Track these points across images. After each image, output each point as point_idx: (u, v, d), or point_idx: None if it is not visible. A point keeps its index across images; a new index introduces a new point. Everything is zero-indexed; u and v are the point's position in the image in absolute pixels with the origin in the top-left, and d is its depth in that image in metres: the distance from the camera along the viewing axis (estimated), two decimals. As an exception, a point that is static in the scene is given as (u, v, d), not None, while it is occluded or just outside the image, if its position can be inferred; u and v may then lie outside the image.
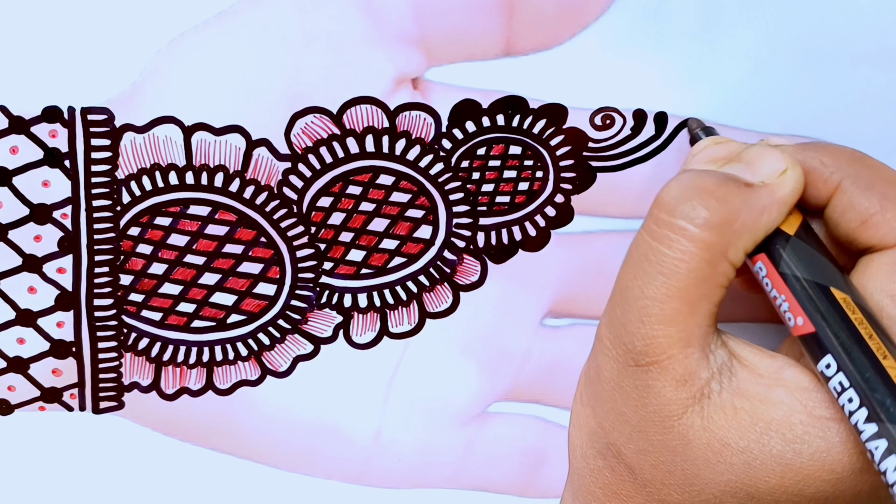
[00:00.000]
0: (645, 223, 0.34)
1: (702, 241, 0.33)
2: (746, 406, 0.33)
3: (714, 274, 0.33)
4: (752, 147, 0.35)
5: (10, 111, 0.37)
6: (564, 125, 0.40)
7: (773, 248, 0.34)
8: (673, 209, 0.33)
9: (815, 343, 0.32)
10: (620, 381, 0.33)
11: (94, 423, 0.41)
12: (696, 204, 0.33)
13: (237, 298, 0.40)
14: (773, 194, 0.34)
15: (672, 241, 0.33)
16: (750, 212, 0.33)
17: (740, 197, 0.33)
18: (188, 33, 0.38)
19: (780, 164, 0.34)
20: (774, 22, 0.39)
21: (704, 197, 0.33)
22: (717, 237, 0.33)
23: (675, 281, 0.33)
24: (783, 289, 0.33)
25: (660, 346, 0.33)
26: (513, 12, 0.38)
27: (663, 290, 0.33)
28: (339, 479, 0.42)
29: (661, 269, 0.33)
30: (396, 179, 0.40)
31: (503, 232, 0.41)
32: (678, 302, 0.33)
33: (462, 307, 0.41)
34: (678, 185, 0.33)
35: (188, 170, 0.39)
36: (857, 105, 0.40)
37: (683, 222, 0.33)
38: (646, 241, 0.33)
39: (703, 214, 0.33)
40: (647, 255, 0.33)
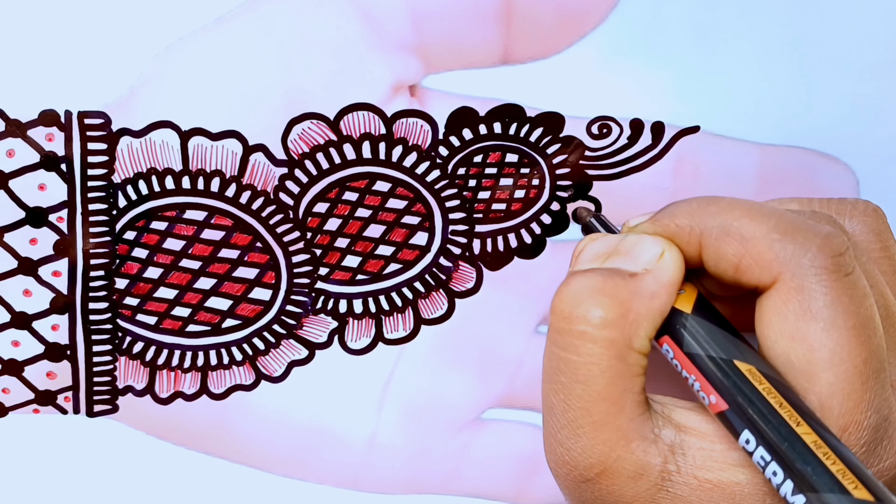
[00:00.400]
0: (549, 335, 0.33)
1: (604, 339, 0.32)
2: (710, 476, 0.32)
3: (626, 367, 0.32)
4: (629, 237, 0.35)
5: (7, 114, 0.37)
6: (561, 133, 0.40)
7: (674, 329, 0.33)
8: (569, 316, 0.33)
9: (731, 419, 0.32)
10: (580, 496, 0.33)
11: (88, 426, 0.40)
12: (588, 306, 0.32)
13: (232, 303, 0.40)
14: (658, 279, 0.33)
15: (577, 347, 0.32)
16: (640, 300, 0.33)
17: (628, 289, 0.33)
18: (186, 38, 0.38)
19: (657, 249, 0.34)
20: (771, 32, 0.39)
21: (595, 296, 0.33)
22: (618, 332, 0.32)
23: (593, 385, 0.32)
24: (691, 369, 0.33)
25: (602, 454, 0.32)
26: (511, 20, 0.38)
27: (585, 398, 0.32)
28: (333, 484, 0.42)
29: (576, 377, 0.32)
30: (393, 186, 0.40)
31: (499, 239, 0.41)
32: (603, 404, 0.32)
33: (457, 314, 0.41)
34: (568, 290, 0.33)
35: (184, 174, 0.39)
36: (853, 115, 0.40)
37: (582, 326, 0.32)
38: (554, 354, 0.33)
39: (598, 314, 0.32)
40: (559, 366, 0.33)
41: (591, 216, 0.39)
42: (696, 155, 0.40)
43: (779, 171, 0.40)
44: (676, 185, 0.41)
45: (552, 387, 0.33)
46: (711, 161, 0.40)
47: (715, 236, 0.33)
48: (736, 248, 0.33)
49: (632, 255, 0.34)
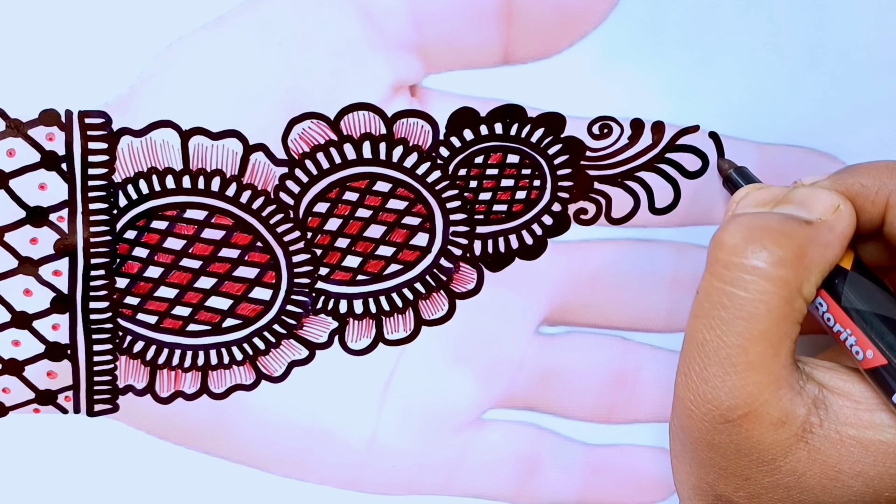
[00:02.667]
0: (711, 270, 0.33)
1: (778, 278, 0.32)
2: (853, 433, 0.32)
3: (792, 311, 0.33)
4: (800, 188, 0.35)
5: (8, 114, 0.37)
6: (562, 134, 0.40)
7: (832, 284, 0.34)
8: (743, 250, 0.32)
9: (888, 375, 0.32)
10: (712, 439, 0.33)
11: (88, 425, 0.41)
12: (766, 243, 0.32)
13: (233, 303, 0.40)
14: (833, 230, 0.34)
15: (748, 283, 0.32)
16: (816, 247, 0.33)
17: (805, 233, 0.33)
18: (186, 38, 0.38)
19: (833, 201, 0.34)
20: (771, 31, 0.39)
21: (772, 235, 0.33)
22: (792, 274, 0.32)
23: (756, 324, 0.32)
24: (848, 323, 0.33)
25: (750, 395, 0.32)
26: (511, 21, 0.38)
27: (746, 336, 0.32)
28: (333, 485, 0.42)
29: (741, 314, 0.32)
30: (393, 186, 0.40)
31: (500, 240, 0.41)
32: (762, 345, 0.32)
33: (458, 314, 0.41)
34: (740, 226, 0.33)
35: (185, 174, 0.39)
36: (852, 114, 0.40)
37: (756, 262, 0.32)
38: (717, 287, 0.33)
39: (777, 252, 0.32)
40: (722, 300, 0.32)
41: (733, 168, 0.39)
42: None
43: (778, 170, 0.40)
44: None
45: (708, 322, 0.33)
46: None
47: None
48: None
49: (807, 205, 0.34)
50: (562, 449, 0.43)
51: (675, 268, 0.41)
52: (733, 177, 0.39)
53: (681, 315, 0.41)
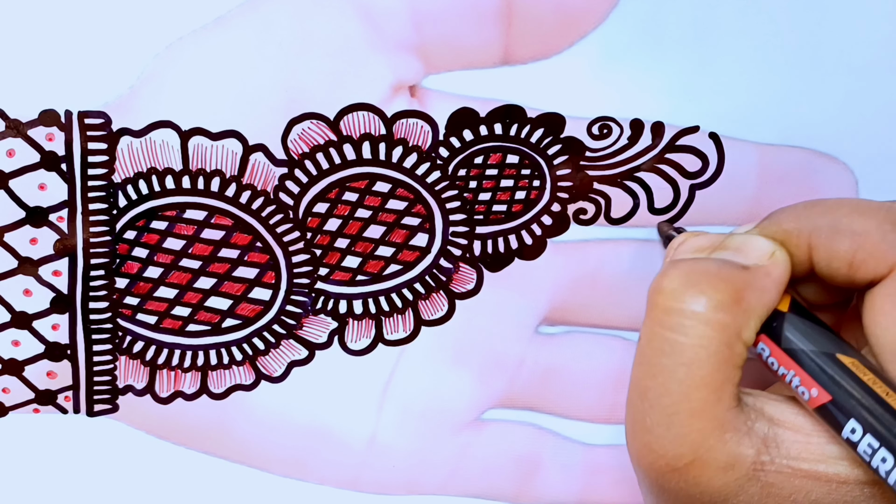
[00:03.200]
0: (651, 316, 0.33)
1: (717, 323, 0.32)
2: (806, 467, 0.32)
3: (732, 355, 0.32)
4: (734, 235, 0.35)
5: (7, 114, 0.37)
6: (562, 134, 0.40)
7: (771, 327, 0.34)
8: (682, 295, 0.32)
9: (835, 411, 0.32)
10: (663, 485, 0.33)
11: (88, 425, 0.41)
12: (703, 287, 0.32)
13: (232, 303, 0.40)
14: (769, 275, 0.34)
15: (687, 328, 0.32)
16: (753, 292, 0.33)
17: (742, 278, 0.33)
18: (186, 38, 0.38)
19: (769, 247, 0.34)
20: (771, 31, 0.39)
21: (711, 280, 0.32)
22: (731, 318, 0.32)
23: (697, 369, 0.32)
24: (791, 364, 0.33)
25: (695, 443, 0.32)
26: (511, 21, 0.38)
27: (687, 383, 0.32)
28: (333, 485, 0.42)
29: (681, 360, 0.32)
30: (393, 187, 0.40)
31: (499, 240, 0.41)
32: (704, 391, 0.32)
33: (457, 315, 0.41)
34: (679, 272, 0.33)
35: (185, 174, 0.39)
36: (852, 115, 0.40)
37: (696, 307, 0.32)
38: (658, 334, 0.32)
39: (715, 297, 0.32)
40: (663, 347, 0.32)
41: (671, 229, 0.39)
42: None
43: (778, 170, 0.40)
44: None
45: (649, 370, 0.33)
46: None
47: (825, 236, 0.34)
48: (848, 244, 0.33)
49: (742, 251, 0.34)
50: (562, 449, 0.43)
51: (674, 268, 0.41)
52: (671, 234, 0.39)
53: (680, 315, 0.41)
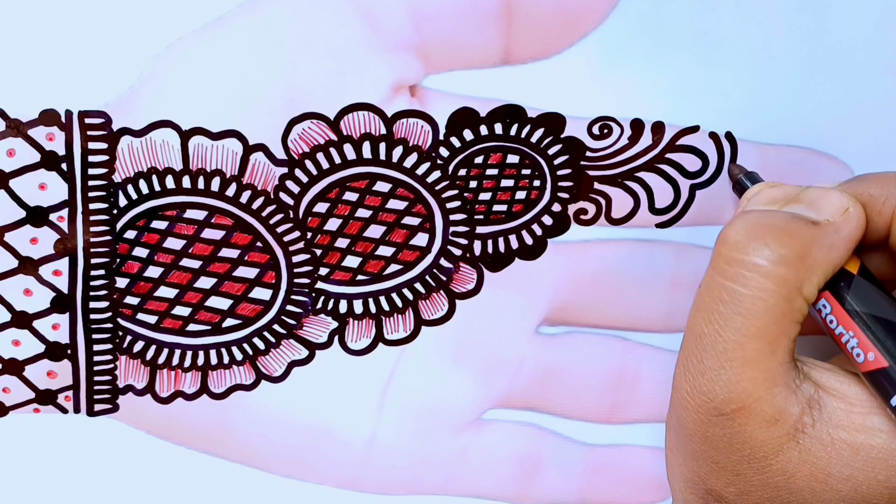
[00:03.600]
0: (713, 264, 0.33)
1: (778, 277, 0.32)
2: (844, 436, 0.32)
3: (791, 310, 0.33)
4: (811, 188, 0.35)
5: (8, 114, 0.37)
6: (562, 134, 0.40)
7: (837, 287, 0.34)
8: (745, 247, 0.32)
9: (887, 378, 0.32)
10: (706, 432, 0.33)
11: (88, 425, 0.41)
12: (768, 241, 0.32)
13: (233, 303, 0.40)
14: (840, 232, 0.34)
15: (747, 280, 0.32)
16: (820, 248, 0.33)
17: (810, 234, 0.33)
18: (186, 38, 0.38)
19: (843, 203, 0.34)
20: (771, 32, 0.39)
21: (776, 234, 0.33)
22: (793, 273, 0.32)
23: (754, 320, 0.32)
24: (851, 325, 0.33)
25: (745, 391, 0.32)
26: (511, 21, 0.38)
27: (742, 332, 0.32)
28: (333, 485, 0.42)
29: (739, 310, 0.32)
30: (393, 186, 0.40)
31: (500, 240, 0.41)
32: (759, 342, 0.32)
33: (457, 315, 0.41)
34: (745, 223, 0.33)
35: (185, 174, 0.39)
36: (852, 114, 0.40)
37: (758, 259, 0.32)
38: (718, 282, 0.33)
39: (779, 251, 0.32)
40: (722, 296, 0.32)
41: (742, 173, 0.39)
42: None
43: (778, 170, 0.40)
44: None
45: (707, 315, 0.33)
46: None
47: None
48: None
49: (816, 206, 0.34)
50: (562, 449, 0.43)
51: (675, 268, 0.41)
52: (743, 181, 0.39)
53: (680, 315, 0.41)
